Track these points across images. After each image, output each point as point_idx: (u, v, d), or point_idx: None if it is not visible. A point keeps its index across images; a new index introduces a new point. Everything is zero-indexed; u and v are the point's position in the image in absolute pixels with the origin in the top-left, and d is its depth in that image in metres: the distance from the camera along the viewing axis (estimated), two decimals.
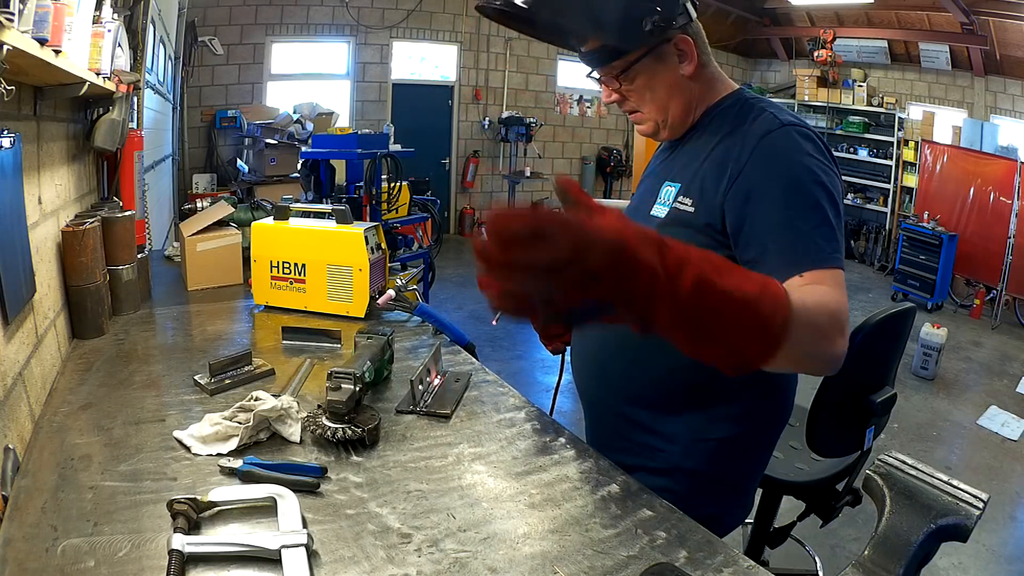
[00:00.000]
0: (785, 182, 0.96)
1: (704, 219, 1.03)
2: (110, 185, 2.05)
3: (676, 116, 1.12)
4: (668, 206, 1.08)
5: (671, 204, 1.08)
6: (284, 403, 1.14)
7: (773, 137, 0.99)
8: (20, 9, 0.88)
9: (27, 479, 0.98)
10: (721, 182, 1.01)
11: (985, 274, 6.33)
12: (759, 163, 0.98)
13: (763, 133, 1.00)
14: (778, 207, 0.95)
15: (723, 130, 1.06)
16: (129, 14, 2.43)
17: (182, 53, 5.81)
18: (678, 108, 1.11)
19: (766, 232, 0.96)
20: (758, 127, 1.01)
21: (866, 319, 1.41)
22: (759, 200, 0.97)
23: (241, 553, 0.82)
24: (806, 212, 0.94)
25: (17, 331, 1.14)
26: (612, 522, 0.95)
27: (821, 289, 0.90)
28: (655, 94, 1.10)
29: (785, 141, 0.99)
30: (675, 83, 1.09)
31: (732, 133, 1.04)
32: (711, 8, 9.47)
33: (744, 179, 0.98)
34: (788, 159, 0.97)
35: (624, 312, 0.66)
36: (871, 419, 1.47)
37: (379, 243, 1.84)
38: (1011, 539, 2.78)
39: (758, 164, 0.98)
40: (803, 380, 1.24)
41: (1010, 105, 7.60)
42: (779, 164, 0.97)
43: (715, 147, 1.05)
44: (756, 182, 0.97)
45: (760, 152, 0.99)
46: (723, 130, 1.06)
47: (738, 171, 0.99)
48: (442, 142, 8.24)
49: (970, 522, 1.01)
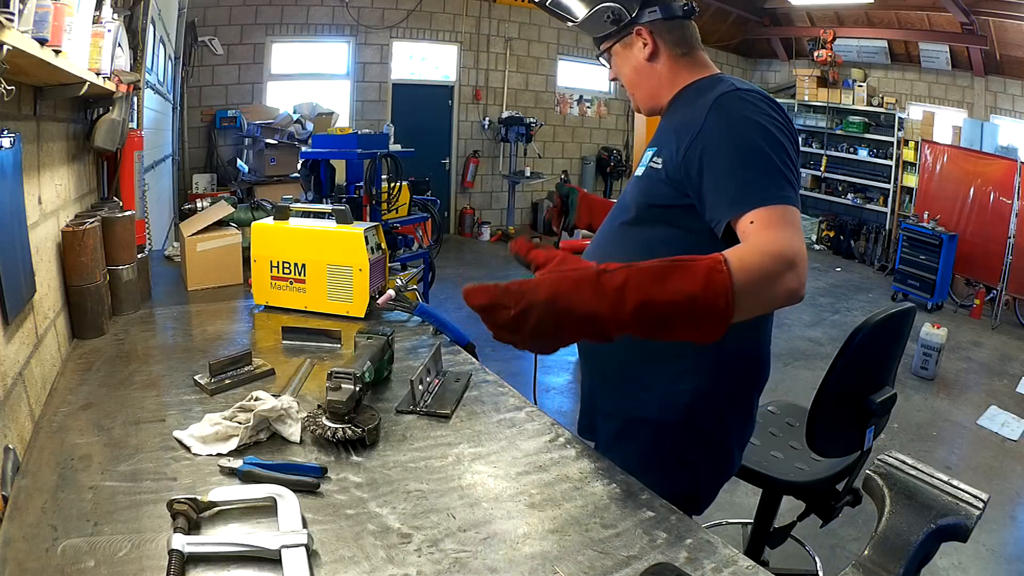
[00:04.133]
0: (734, 136, 1.07)
1: (667, 174, 1.16)
2: (110, 185, 2.05)
3: (641, 94, 1.32)
4: (645, 166, 1.25)
5: (647, 164, 1.24)
6: (284, 403, 1.14)
7: (724, 99, 1.11)
8: (20, 9, 0.88)
9: (27, 479, 0.98)
10: (683, 141, 1.13)
11: (985, 274, 6.33)
12: (712, 122, 1.09)
13: (717, 96, 1.12)
14: (727, 158, 1.06)
15: (691, 101, 1.21)
16: (129, 14, 2.43)
17: (182, 53, 5.81)
18: (643, 87, 1.31)
19: (718, 181, 1.06)
20: (715, 93, 1.13)
21: (866, 319, 1.41)
22: (711, 154, 1.08)
23: (241, 553, 0.82)
24: (753, 160, 1.04)
25: (17, 331, 1.14)
26: (612, 522, 0.95)
27: (764, 236, 0.96)
28: (626, 74, 1.32)
29: (735, 103, 1.10)
30: (639, 66, 1.29)
31: (695, 101, 1.18)
32: (711, 8, 9.47)
33: (700, 137, 1.10)
34: (737, 117, 1.08)
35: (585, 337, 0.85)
36: (871, 419, 1.47)
37: (379, 243, 1.84)
38: (1011, 539, 2.78)
39: (711, 123, 1.09)
40: (803, 380, 1.24)
41: (1010, 105, 7.60)
42: (729, 121, 1.08)
43: (682, 114, 1.20)
44: (709, 138, 1.09)
45: (713, 113, 1.10)
46: (691, 101, 1.21)
47: (696, 131, 1.11)
48: (442, 142, 8.24)
49: (970, 522, 1.01)
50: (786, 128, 1.09)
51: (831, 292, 6.92)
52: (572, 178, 9.20)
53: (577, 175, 9.31)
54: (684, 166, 1.11)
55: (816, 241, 9.15)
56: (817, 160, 9.30)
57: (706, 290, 0.84)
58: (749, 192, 1.01)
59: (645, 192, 1.22)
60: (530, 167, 8.43)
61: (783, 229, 0.96)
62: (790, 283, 0.91)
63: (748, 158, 1.04)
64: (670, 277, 0.85)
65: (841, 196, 9.01)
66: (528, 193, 8.89)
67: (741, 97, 1.10)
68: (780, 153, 1.04)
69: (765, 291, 0.90)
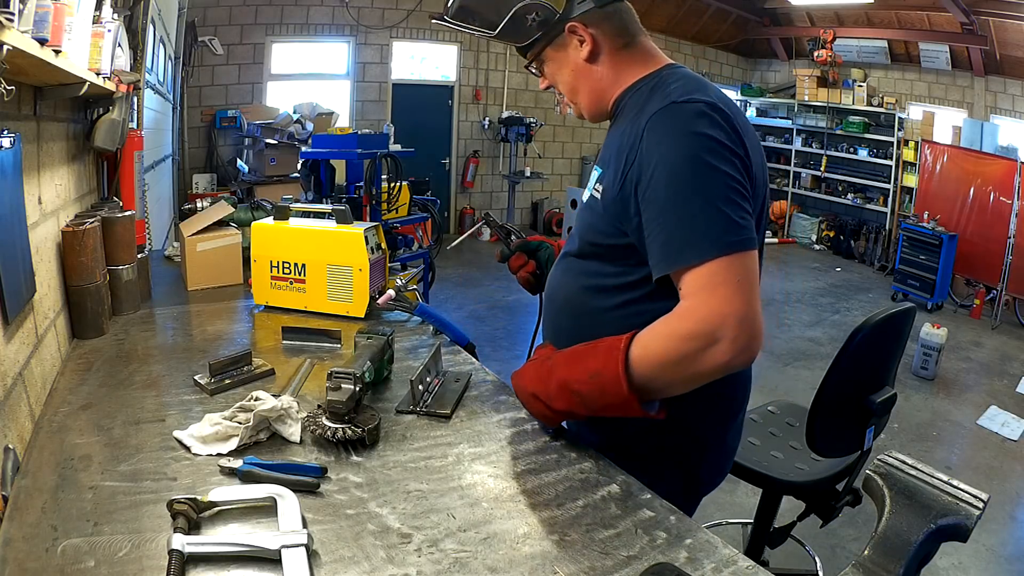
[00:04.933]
0: (665, 167, 0.93)
1: (603, 207, 1.05)
2: (110, 185, 2.05)
3: (585, 99, 1.15)
4: (590, 190, 1.11)
5: (591, 189, 1.11)
6: (284, 403, 1.14)
7: (659, 117, 0.95)
8: (20, 9, 0.88)
9: (27, 479, 0.98)
10: (620, 167, 1.01)
11: (985, 274, 6.33)
12: (647, 147, 0.95)
13: (651, 114, 0.97)
14: (659, 197, 0.93)
15: (631, 112, 1.05)
16: (129, 14, 2.43)
17: (182, 53, 5.80)
18: (586, 92, 1.14)
19: (650, 227, 0.95)
20: (651, 107, 0.98)
21: (866, 319, 1.41)
22: (643, 190, 0.95)
23: (241, 553, 0.82)
24: (685, 199, 0.91)
25: (17, 331, 1.14)
26: (612, 522, 0.95)
27: (684, 307, 0.90)
28: (564, 80, 1.15)
29: (671, 121, 0.94)
30: (578, 68, 1.12)
31: (636, 116, 1.02)
32: (711, 8, 9.48)
33: (635, 166, 0.97)
34: (670, 143, 0.93)
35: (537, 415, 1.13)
36: (871, 419, 1.47)
37: (379, 243, 1.84)
38: (1011, 539, 2.78)
39: (647, 148, 0.95)
40: (803, 380, 1.24)
41: (1010, 105, 7.60)
42: (660, 148, 0.94)
43: (624, 129, 1.04)
44: (642, 169, 0.95)
45: (648, 135, 0.96)
46: (631, 112, 1.05)
47: (633, 157, 0.97)
48: (442, 142, 8.24)
49: (970, 522, 1.01)
50: (730, 143, 0.93)
51: (831, 292, 6.93)
52: (571, 179, 9.21)
53: (577, 175, 9.31)
54: (621, 199, 1.00)
55: (816, 241, 9.16)
56: (817, 160, 9.30)
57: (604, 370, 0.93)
58: (679, 246, 0.91)
59: (587, 225, 1.11)
60: (530, 167, 8.43)
61: (711, 294, 0.88)
62: (714, 358, 0.86)
63: (680, 198, 0.91)
64: (583, 359, 0.95)
65: (841, 196, 9.01)
66: (528, 193, 8.89)
67: (674, 114, 0.95)
68: (718, 182, 0.91)
69: (678, 373, 0.89)
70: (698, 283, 0.89)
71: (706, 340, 0.86)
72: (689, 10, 9.35)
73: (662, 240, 0.93)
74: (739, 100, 10.22)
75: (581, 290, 1.11)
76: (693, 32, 9.76)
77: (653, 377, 0.90)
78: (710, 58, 10.30)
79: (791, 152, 9.53)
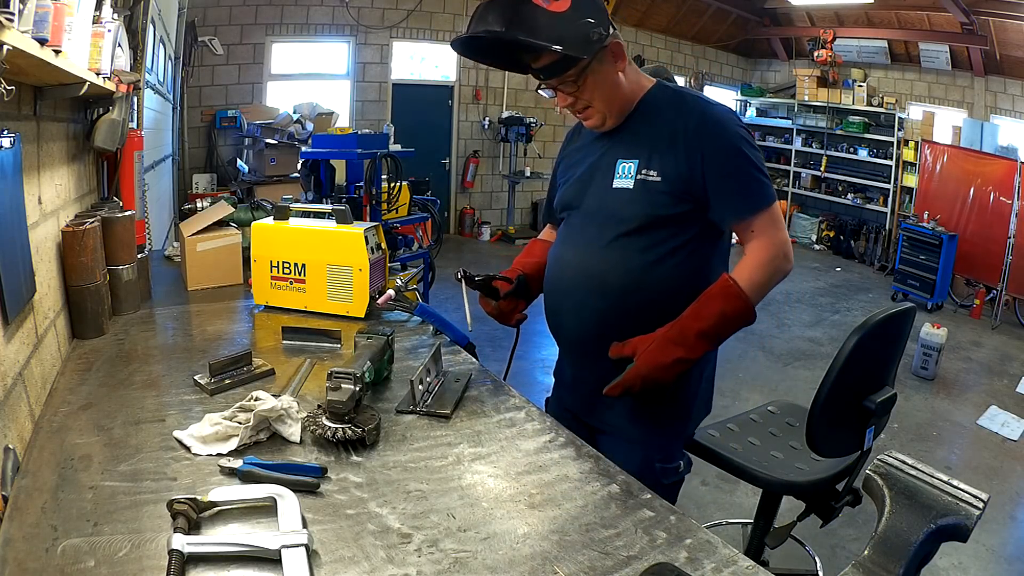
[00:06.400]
0: (728, 149, 1.30)
1: (668, 185, 1.31)
2: (110, 185, 2.05)
3: (620, 106, 1.37)
4: (632, 178, 1.34)
5: (634, 176, 1.33)
6: (284, 403, 1.14)
7: (707, 116, 1.31)
8: (20, 9, 0.88)
9: (27, 479, 0.98)
10: (678, 155, 1.30)
11: (985, 274, 6.32)
12: (706, 134, 1.30)
13: (700, 113, 1.32)
14: (728, 168, 1.30)
15: (665, 114, 1.35)
16: (129, 14, 2.43)
17: (182, 53, 5.80)
18: (622, 100, 1.36)
19: (720, 188, 1.30)
20: (695, 109, 1.32)
21: (866, 319, 1.41)
22: (711, 164, 1.29)
23: (241, 553, 0.82)
24: (746, 168, 1.30)
25: (17, 331, 1.14)
26: (612, 522, 0.95)
27: (760, 244, 1.30)
28: (603, 91, 1.33)
29: (721, 116, 1.32)
30: (615, 80, 1.33)
31: (664, 111, 1.34)
32: (711, 8, 9.48)
33: (695, 150, 1.29)
34: (728, 131, 1.31)
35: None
36: (871, 419, 1.47)
37: (379, 243, 1.84)
38: (1011, 539, 2.78)
39: (706, 135, 1.30)
40: (803, 380, 1.26)
41: (1010, 105, 7.60)
42: (722, 134, 1.30)
43: (663, 128, 1.33)
44: (706, 150, 1.29)
45: (705, 126, 1.30)
46: (665, 114, 1.35)
47: (690, 142, 1.29)
48: (442, 142, 8.24)
49: (970, 522, 1.01)
50: (750, 132, 1.36)
51: (831, 292, 6.92)
52: None
53: None
54: (688, 175, 1.29)
55: (816, 241, 9.16)
56: (817, 160, 9.30)
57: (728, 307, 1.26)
58: (747, 200, 1.31)
59: (645, 203, 1.32)
60: (530, 167, 8.43)
61: (773, 231, 1.31)
62: (786, 268, 1.32)
63: (743, 168, 1.30)
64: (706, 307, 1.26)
65: (841, 196, 9.01)
66: (528, 193, 8.88)
67: (722, 111, 1.34)
68: (759, 159, 1.32)
69: (771, 285, 1.32)
70: (766, 222, 1.30)
71: (784, 258, 1.31)
72: (689, 10, 9.34)
73: (740, 196, 1.30)
74: (739, 100, 10.24)
75: (641, 258, 1.34)
76: (693, 32, 9.76)
77: (760, 295, 1.29)
78: (710, 58, 10.29)
79: (791, 152, 9.53)
